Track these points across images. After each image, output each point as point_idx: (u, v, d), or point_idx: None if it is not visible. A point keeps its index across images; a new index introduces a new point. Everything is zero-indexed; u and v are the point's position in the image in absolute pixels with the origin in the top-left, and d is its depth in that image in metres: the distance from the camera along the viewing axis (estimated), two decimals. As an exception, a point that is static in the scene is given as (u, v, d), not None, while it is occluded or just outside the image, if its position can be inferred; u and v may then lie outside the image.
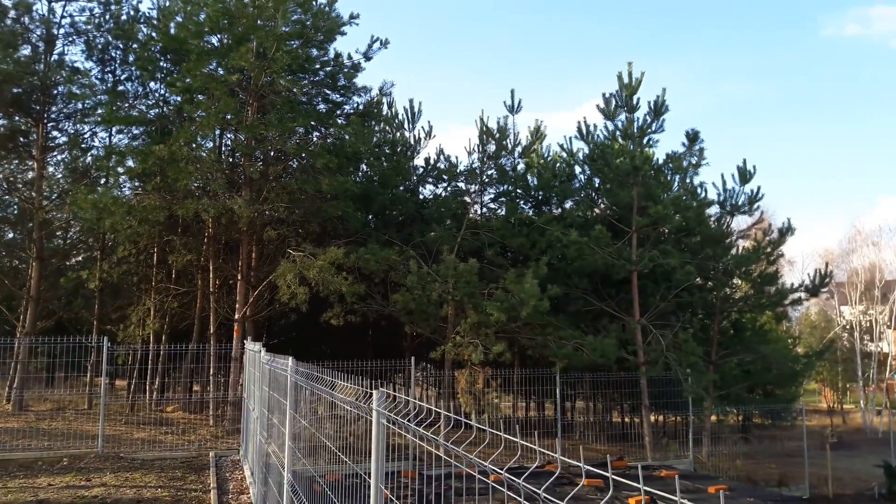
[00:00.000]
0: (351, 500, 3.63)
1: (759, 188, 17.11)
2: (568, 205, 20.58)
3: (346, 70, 17.36)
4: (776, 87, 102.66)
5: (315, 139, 17.65)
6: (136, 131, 18.98)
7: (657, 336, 15.55)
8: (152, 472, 10.99)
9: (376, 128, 19.17)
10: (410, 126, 20.47)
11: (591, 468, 2.22)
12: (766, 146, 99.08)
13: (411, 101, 20.81)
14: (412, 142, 20.28)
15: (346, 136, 15.97)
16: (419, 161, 20.30)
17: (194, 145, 15.99)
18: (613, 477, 1.78)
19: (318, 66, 17.36)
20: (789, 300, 17.70)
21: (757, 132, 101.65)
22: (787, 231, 17.21)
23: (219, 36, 16.06)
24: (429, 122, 43.65)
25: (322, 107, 18.15)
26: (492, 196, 20.95)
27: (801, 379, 27.30)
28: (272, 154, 17.19)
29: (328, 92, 18.25)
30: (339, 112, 18.25)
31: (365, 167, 19.62)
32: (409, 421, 2.65)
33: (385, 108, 20.06)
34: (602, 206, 19.90)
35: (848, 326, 40.61)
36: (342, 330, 17.13)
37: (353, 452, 3.65)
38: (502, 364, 16.51)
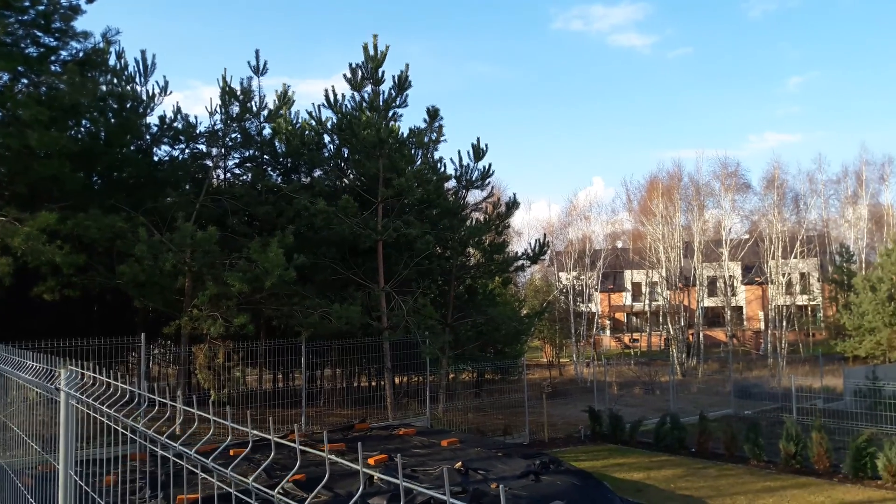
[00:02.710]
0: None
1: (490, 165, 18.55)
2: (317, 173, 20.46)
3: (62, 11, 15.25)
4: (516, 72, 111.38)
5: (22, 87, 15.33)
6: None
7: (399, 302, 16.23)
8: None
9: (101, 79, 17.19)
10: (143, 80, 18.66)
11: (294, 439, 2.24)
12: (503, 126, 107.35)
13: (143, 52, 19.00)
14: (145, 97, 18.53)
15: (62, 87, 14.10)
16: (153, 119, 18.66)
17: None
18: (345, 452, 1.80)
19: (27, 4, 15.02)
20: (514, 267, 19.56)
21: (497, 112, 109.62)
22: (513, 205, 18.90)
23: None
24: (164, 76, 39.97)
25: (32, 50, 15.78)
26: (236, 161, 20.06)
27: (525, 337, 30.42)
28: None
29: (40, 34, 15.87)
30: (53, 58, 16.01)
31: (87, 123, 17.53)
32: (104, 402, 2.44)
33: (113, 58, 18.04)
34: (351, 176, 20.10)
35: (564, 290, 46.01)
36: (60, 306, 15.30)
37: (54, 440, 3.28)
38: (246, 336, 16.03)
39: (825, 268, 46.88)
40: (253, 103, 18.20)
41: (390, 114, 17.32)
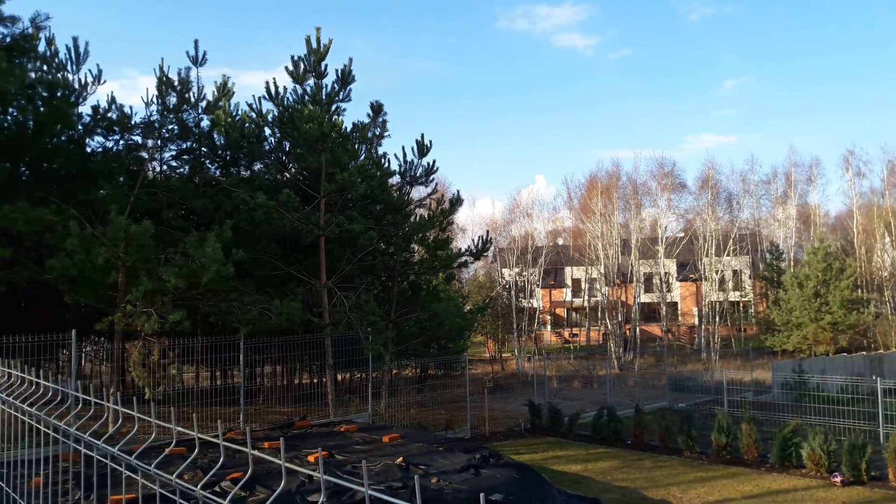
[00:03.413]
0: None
1: (434, 161, 18.59)
2: (257, 167, 20.10)
3: (-14, -7, 14.54)
4: (461, 69, 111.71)
5: (-58, 72, 14.54)
6: None
7: (342, 298, 16.11)
8: None
9: (30, 66, 16.45)
10: (75, 68, 17.93)
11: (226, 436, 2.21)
12: (448, 123, 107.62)
13: (75, 39, 18.23)
14: (77, 86, 17.82)
15: (-14, 73, 13.45)
16: (86, 109, 17.97)
17: None
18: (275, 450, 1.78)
19: (-53, -15, 14.28)
20: (457, 263, 19.67)
21: (442, 110, 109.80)
22: (457, 202, 18.99)
23: None
24: (98, 65, 38.38)
25: (-47, 33, 15.01)
26: (173, 153, 19.52)
27: (468, 333, 30.65)
28: None
29: (-39, 17, 15.12)
30: (-23, 43, 15.26)
31: (14, 111, 16.75)
32: (32, 403, 2.36)
33: (43, 44, 17.27)
34: (293, 170, 19.81)
35: (507, 286, 46.49)
36: (-16, 301, 14.62)
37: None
38: (182, 333, 15.63)
39: (756, 265, 48.75)
40: (191, 94, 17.73)
41: (333, 108, 17.14)
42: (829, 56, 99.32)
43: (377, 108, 17.54)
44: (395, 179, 19.33)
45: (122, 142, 17.96)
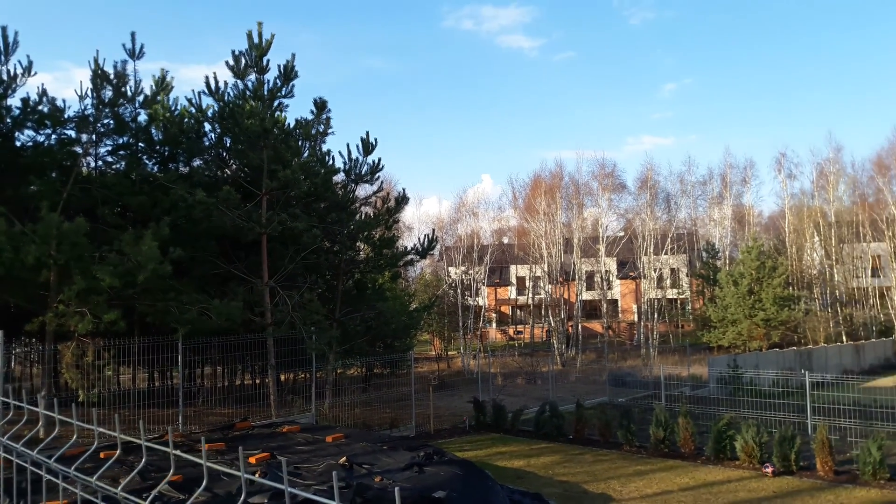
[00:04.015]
0: None
1: (380, 159, 18.49)
2: (197, 163, 19.62)
3: None
4: (406, 67, 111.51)
5: None
6: None
7: (285, 297, 15.88)
8: None
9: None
10: (3, 58, 17.16)
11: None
12: (394, 122, 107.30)
13: (4, 28, 17.45)
14: (6, 77, 17.05)
15: None
16: (16, 101, 17.20)
17: None
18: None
19: None
20: (403, 261, 19.64)
21: (388, 108, 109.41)
22: (403, 200, 18.95)
23: None
24: (28, 56, 36.72)
25: None
26: (109, 148, 18.87)
27: (415, 331, 30.64)
28: None
29: None
30: None
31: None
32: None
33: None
34: (234, 166, 19.42)
35: (453, 284, 46.67)
36: None
37: None
38: (118, 333, 15.17)
39: (693, 264, 50.21)
40: (128, 88, 17.17)
41: (275, 103, 16.87)
42: (764, 61, 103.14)
43: (321, 105, 17.34)
44: (340, 177, 19.17)
45: (54, 136, 17.27)
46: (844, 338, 40.13)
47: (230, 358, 18.36)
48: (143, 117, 18.29)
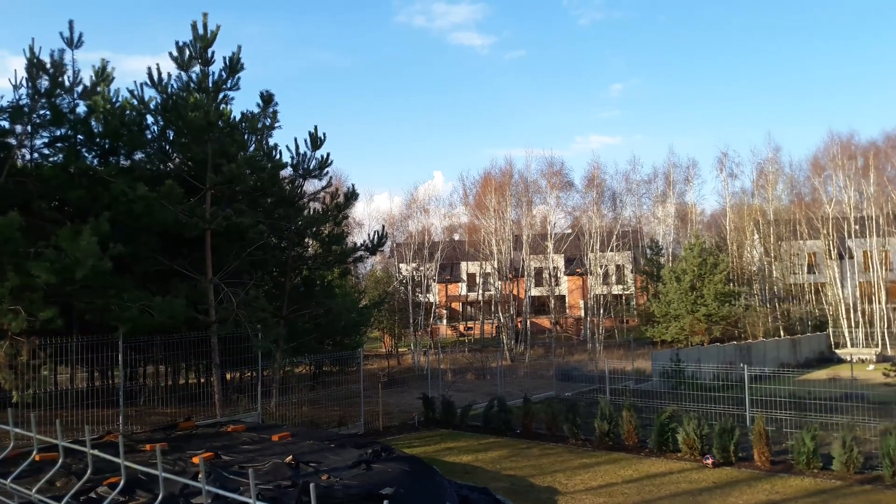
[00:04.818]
0: None
1: (328, 154, 18.29)
2: (139, 157, 19.05)
3: None
4: (358, 62, 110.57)
5: None
6: None
7: (229, 294, 15.57)
8: None
9: None
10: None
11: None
12: (345, 117, 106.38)
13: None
14: (-68, 64, 16.31)
15: None
16: (-58, 90, 16.47)
17: None
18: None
19: None
20: (353, 258, 19.49)
21: (338, 103, 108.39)
22: (352, 196, 18.81)
23: None
24: (-38, 43, 35.11)
25: None
26: (45, 140, 18.18)
27: (364, 328, 30.50)
28: None
29: None
30: None
31: None
32: None
33: None
34: (177, 160, 18.94)
35: (404, 281, 46.60)
36: None
37: None
38: (55, 332, 14.64)
39: (637, 260, 51.34)
40: (65, 78, 16.60)
41: (221, 96, 16.51)
42: (707, 63, 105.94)
43: (267, 98, 17.05)
44: (288, 172, 18.88)
45: (-14, 127, 16.57)
46: (782, 332, 41.59)
47: (173, 356, 17.92)
48: (82, 109, 17.70)
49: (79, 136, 17.96)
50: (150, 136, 18.64)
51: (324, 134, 18.04)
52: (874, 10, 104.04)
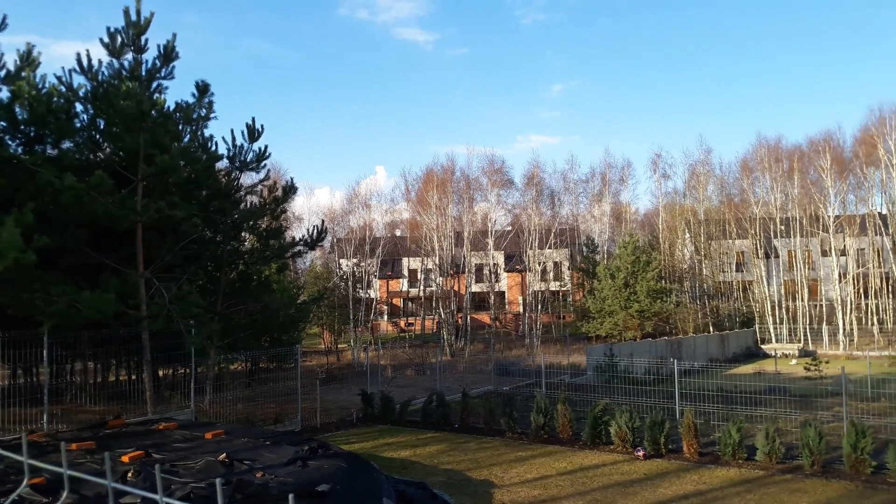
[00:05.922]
0: None
1: (266, 147, 17.94)
2: (67, 146, 18.29)
3: None
4: (299, 54, 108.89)
5: None
6: None
7: (161, 289, 15.14)
8: None
9: None
10: None
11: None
12: (284, 110, 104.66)
13: None
14: None
15: None
16: None
17: None
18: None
19: None
20: (291, 253, 19.20)
21: (277, 95, 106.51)
22: (290, 189, 18.53)
23: None
24: None
25: None
26: (-35, 127, 17.28)
27: (303, 324, 30.13)
28: None
29: None
30: None
31: None
32: None
33: None
34: (107, 150, 18.27)
35: (344, 276, 46.24)
36: None
37: None
38: (-27, 327, 13.98)
39: (574, 257, 52.35)
40: (-14, 61, 15.79)
41: (154, 85, 16.00)
42: (642, 66, 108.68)
43: (203, 88, 16.60)
44: (224, 164, 18.47)
45: None
46: (711, 328, 43.12)
47: (103, 353, 17.33)
48: (5, 94, 16.87)
49: (1, 123, 17.14)
50: (79, 125, 17.90)
51: (262, 126, 17.73)
52: (800, 19, 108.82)
